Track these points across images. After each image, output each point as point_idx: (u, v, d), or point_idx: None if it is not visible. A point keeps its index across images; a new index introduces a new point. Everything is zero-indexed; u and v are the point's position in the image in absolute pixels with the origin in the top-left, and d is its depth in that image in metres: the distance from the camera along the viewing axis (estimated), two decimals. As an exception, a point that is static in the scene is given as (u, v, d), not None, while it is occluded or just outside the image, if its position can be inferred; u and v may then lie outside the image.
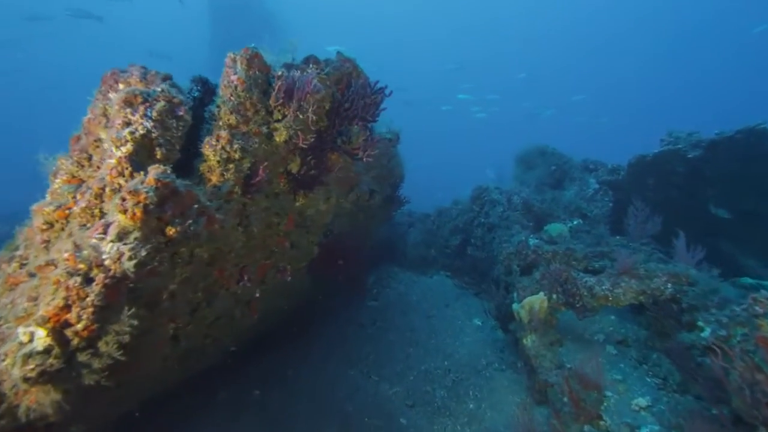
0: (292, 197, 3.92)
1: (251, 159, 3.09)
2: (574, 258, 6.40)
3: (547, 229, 7.61)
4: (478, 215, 8.90)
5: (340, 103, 3.93)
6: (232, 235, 3.27)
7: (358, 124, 3.99)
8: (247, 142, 3.04)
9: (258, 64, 3.15)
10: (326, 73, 3.81)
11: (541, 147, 10.02)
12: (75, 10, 19.61)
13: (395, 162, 7.17)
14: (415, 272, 10.29)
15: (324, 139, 3.90)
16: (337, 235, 6.18)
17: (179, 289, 2.90)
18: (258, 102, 3.13)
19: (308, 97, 3.17)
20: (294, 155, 3.74)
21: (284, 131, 3.22)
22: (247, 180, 3.12)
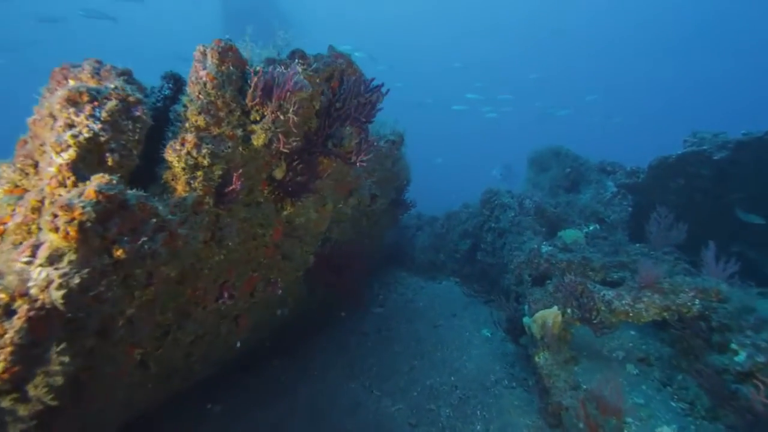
0: (278, 206, 3.52)
1: (224, 165, 2.69)
2: (591, 268, 5.89)
3: (561, 236, 7.10)
4: (488, 219, 8.41)
5: (331, 103, 3.52)
6: (205, 250, 2.88)
7: (352, 125, 3.57)
8: (218, 146, 2.64)
9: (232, 58, 2.75)
10: (315, 70, 3.40)
11: (555, 148, 9.48)
12: (89, 10, 19.55)
13: (400, 165, 6.74)
14: (423, 277, 9.86)
15: (313, 142, 3.49)
16: (337, 242, 5.77)
17: (139, 313, 2.51)
18: (232, 101, 2.73)
19: (289, 96, 2.76)
20: (279, 160, 3.34)
21: (263, 134, 2.82)
22: (220, 189, 2.73)
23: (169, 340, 3.04)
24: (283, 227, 3.81)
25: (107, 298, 2.17)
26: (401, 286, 9.50)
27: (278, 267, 4.31)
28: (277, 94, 2.76)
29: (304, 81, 3.12)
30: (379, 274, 9.86)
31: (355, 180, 5.26)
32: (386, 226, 7.78)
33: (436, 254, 9.73)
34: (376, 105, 3.68)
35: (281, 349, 6.84)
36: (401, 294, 9.05)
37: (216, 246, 2.92)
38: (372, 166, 5.88)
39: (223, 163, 2.70)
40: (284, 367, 6.55)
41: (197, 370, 4.51)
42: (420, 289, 9.32)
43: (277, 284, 4.30)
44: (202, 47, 2.68)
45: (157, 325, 2.85)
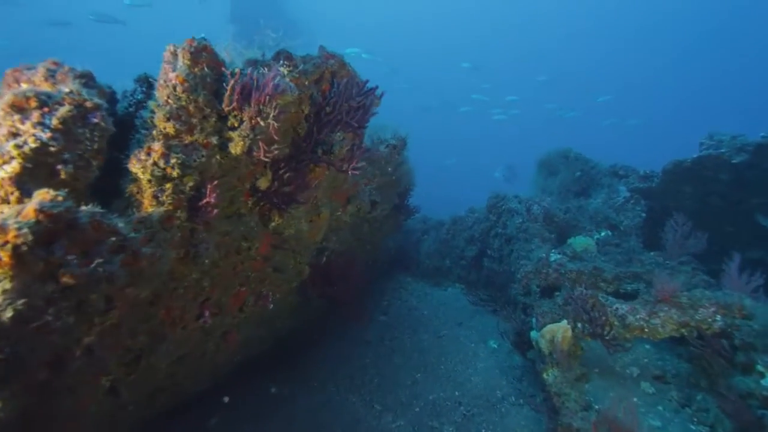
0: (265, 218, 3.25)
1: (197, 176, 2.43)
2: (603, 279, 5.54)
3: (571, 243, 6.74)
4: (495, 225, 8.08)
5: (321, 107, 3.24)
6: (180, 268, 2.62)
7: (344, 130, 3.28)
8: (190, 155, 2.38)
9: (207, 59, 2.48)
10: (303, 71, 3.12)
11: (564, 151, 9.11)
12: (99, 14, 19.53)
13: (402, 169, 6.44)
14: (428, 283, 9.55)
15: (302, 148, 3.22)
16: (334, 252, 5.49)
17: (101, 340, 2.25)
18: (206, 106, 2.46)
19: (269, 100, 2.49)
20: (264, 169, 3.07)
21: (241, 142, 2.55)
22: (194, 202, 2.46)
23: (143, 364, 2.78)
24: (271, 239, 3.54)
25: (56, 327, 1.91)
26: (406, 292, 9.20)
27: (269, 280, 4.04)
28: (256, 98, 2.49)
29: (288, 84, 2.84)
30: (384, 280, 9.57)
31: (353, 187, 4.98)
32: (389, 232, 7.48)
33: (441, 260, 9.41)
34: (370, 109, 3.39)
35: (282, 359, 6.58)
36: (405, 301, 8.75)
37: (192, 263, 2.65)
38: (372, 172, 5.60)
39: (197, 174, 2.43)
40: (284, 378, 6.29)
41: (187, 387, 4.26)
42: (425, 295, 9.01)
43: (269, 298, 4.03)
44: (172, 47, 2.41)
45: (127, 349, 2.59)
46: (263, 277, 3.93)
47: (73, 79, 2.15)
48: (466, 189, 17.83)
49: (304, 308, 5.35)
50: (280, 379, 6.25)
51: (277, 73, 2.54)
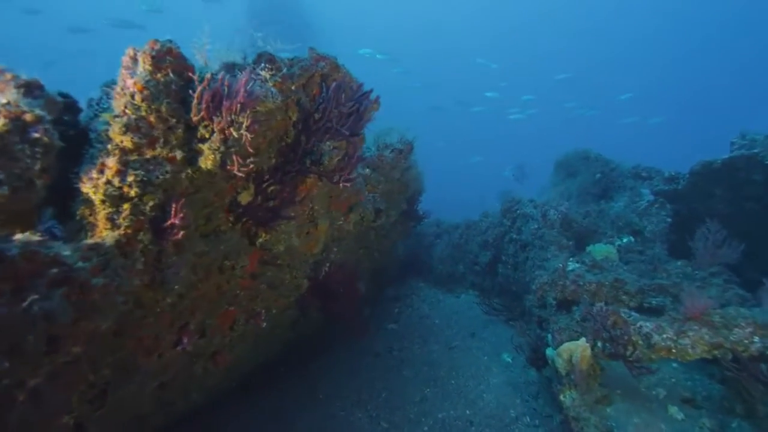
0: (251, 234, 2.96)
1: (160, 195, 2.15)
2: (625, 292, 5.10)
3: (591, 251, 6.30)
4: (510, 230, 7.66)
5: (310, 113, 2.93)
6: (148, 295, 2.35)
7: (334, 138, 2.97)
8: (152, 171, 2.10)
9: (172, 63, 2.19)
10: (289, 75, 2.81)
11: (583, 151, 8.62)
12: (117, 20, 19.70)
13: (410, 174, 6.10)
14: (441, 289, 9.19)
15: (290, 159, 2.92)
16: (334, 264, 5.19)
17: (52, 381, 1.99)
18: (171, 115, 2.18)
19: (241, 108, 2.19)
20: (246, 182, 2.78)
21: (211, 155, 2.26)
22: (159, 222, 2.18)
23: (113, 398, 2.52)
24: (260, 255, 3.25)
25: (-15, 375, 1.65)
26: (418, 298, 8.87)
27: (262, 297, 3.76)
28: (227, 106, 2.19)
29: (269, 89, 2.54)
30: (396, 285, 9.26)
31: (354, 195, 4.66)
32: (398, 238, 7.15)
33: (454, 265, 9.04)
34: (364, 114, 3.07)
35: (290, 371, 6.33)
36: (417, 308, 8.41)
37: (161, 289, 2.38)
38: (376, 178, 5.27)
39: (160, 193, 2.15)
40: (290, 390, 6.03)
41: (180, 407, 4.02)
42: (437, 302, 8.65)
43: (261, 316, 3.75)
44: (132, 51, 2.13)
45: (91, 384, 2.33)
46: (255, 294, 3.65)
47: (15, 89, 1.89)
48: (481, 189, 17.31)
49: (307, 320, 5.07)
50: (286, 390, 6.00)
51: (251, 78, 2.24)
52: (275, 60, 2.71)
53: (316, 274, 4.33)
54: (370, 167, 5.21)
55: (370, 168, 5.21)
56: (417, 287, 9.42)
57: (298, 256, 4.00)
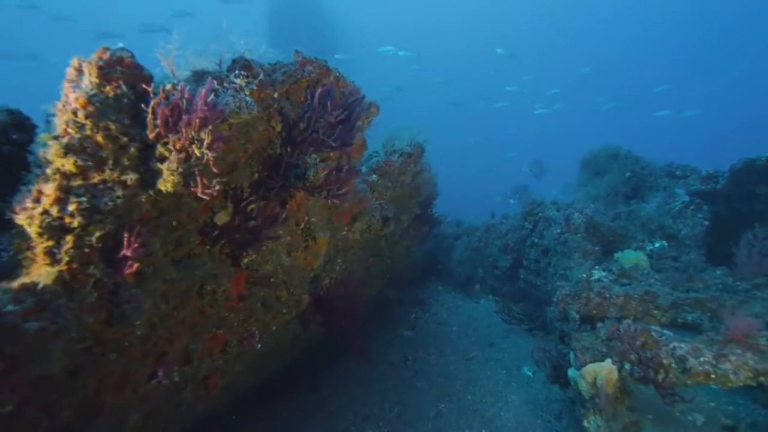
0: (233, 255, 2.70)
1: (110, 223, 1.89)
2: (656, 306, 4.61)
3: (619, 258, 5.79)
4: (531, 234, 7.20)
5: (295, 123, 2.63)
6: (107, 332, 2.11)
7: (320, 150, 2.66)
8: (99, 197, 1.84)
9: (124, 74, 1.93)
10: (265, 82, 2.52)
11: (612, 148, 8.03)
12: (146, 24, 19.96)
13: (422, 178, 5.74)
14: (459, 293, 8.81)
15: (273, 174, 2.63)
16: (344, 272, 4.90)
17: (-8, 433, 1.77)
18: (123, 133, 1.92)
19: (202, 123, 1.91)
20: (224, 200, 2.51)
21: (170, 177, 1.99)
22: (110, 252, 1.93)
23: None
24: (246, 276, 2.99)
25: None
26: (436, 303, 8.52)
27: (256, 317, 3.51)
28: (185, 121, 1.92)
29: (243, 99, 2.26)
30: (413, 289, 8.93)
31: (358, 204, 4.35)
32: (411, 243, 6.81)
33: (473, 269, 8.63)
34: (356, 122, 2.75)
35: (299, 381, 6.11)
36: (434, 314, 8.06)
37: (123, 324, 2.14)
38: (384, 184, 4.94)
39: (111, 220, 1.90)
40: (299, 402, 5.82)
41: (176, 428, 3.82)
42: (455, 308, 8.28)
43: (255, 337, 3.50)
44: (77, 61, 1.87)
45: (49, 428, 2.11)
46: (248, 314, 3.40)
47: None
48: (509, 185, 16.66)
49: (309, 335, 4.81)
50: (296, 402, 5.78)
51: (224, 88, 1.96)
52: (251, 66, 2.42)
53: (317, 289, 4.05)
54: (376, 173, 4.89)
55: (377, 174, 4.89)
56: (435, 291, 9.07)
57: (296, 272, 3.73)
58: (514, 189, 11.93)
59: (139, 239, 1.92)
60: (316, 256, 3.88)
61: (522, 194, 11.90)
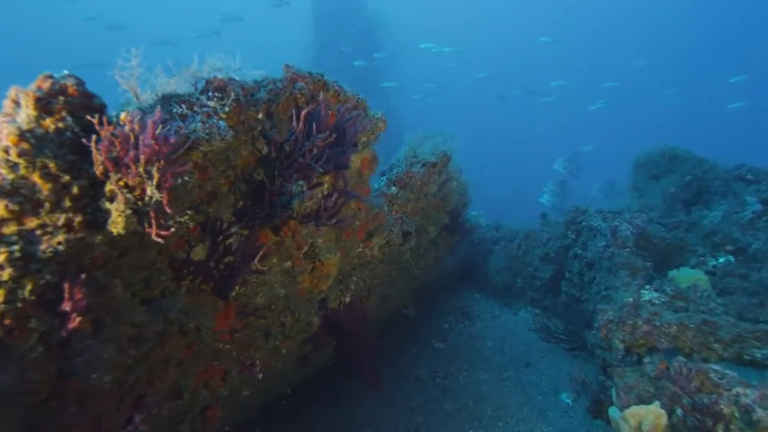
0: (215, 290, 2.46)
1: (51, 272, 1.69)
2: (717, 338, 3.95)
3: (674, 277, 5.09)
4: (574, 244, 6.57)
5: (281, 147, 2.34)
6: (66, 385, 1.93)
7: (308, 177, 2.35)
8: (35, 244, 1.64)
9: (69, 105, 1.71)
10: (251, 101, 2.24)
11: (670, 149, 7.17)
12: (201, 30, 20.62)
13: (449, 187, 5.32)
14: (498, 302, 8.30)
15: (259, 202, 2.36)
16: (363, 288, 4.61)
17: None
18: (65, 171, 1.70)
19: (150, 159, 1.66)
20: (202, 233, 2.27)
21: (119, 218, 1.76)
22: (50, 301, 1.73)
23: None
24: (236, 308, 2.75)
25: None
26: (471, 312, 8.06)
27: (256, 345, 3.29)
28: (131, 157, 1.67)
29: (215, 125, 1.99)
30: (448, 295, 8.51)
31: (372, 220, 4.03)
32: (441, 254, 6.40)
33: (512, 278, 8.07)
34: (351, 143, 2.41)
35: (322, 395, 5.90)
36: (468, 325, 7.61)
37: (79, 377, 1.95)
38: (405, 197, 4.58)
39: (52, 268, 1.69)
40: (320, 418, 5.61)
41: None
42: (492, 319, 7.78)
43: (256, 367, 3.28)
44: (14, 92, 1.66)
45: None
46: (247, 343, 3.18)
47: None
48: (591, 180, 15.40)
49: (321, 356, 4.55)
50: (317, 418, 5.59)
51: (160, 119, 1.69)
52: (226, 87, 2.15)
53: (325, 311, 3.78)
54: (396, 185, 4.54)
55: (397, 186, 4.53)
56: (472, 299, 8.60)
57: (302, 296, 3.48)
58: (555, 184, 10.97)
59: (84, 289, 1.70)
60: (325, 278, 3.60)
61: (560, 191, 10.99)
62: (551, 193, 10.61)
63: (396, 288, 5.73)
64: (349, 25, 22.15)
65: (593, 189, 11.41)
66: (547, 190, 10.81)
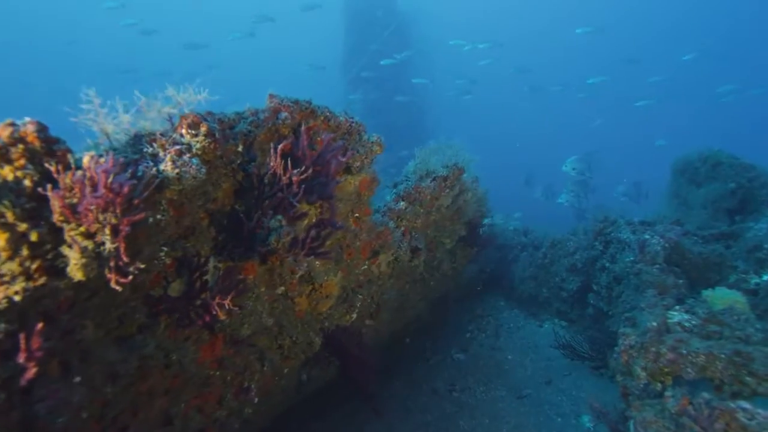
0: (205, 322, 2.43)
1: (6, 322, 1.67)
2: (751, 372, 3.57)
3: (708, 297, 4.67)
4: (602, 256, 6.20)
5: (261, 180, 2.26)
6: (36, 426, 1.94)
7: (285, 213, 2.25)
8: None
9: (30, 152, 1.68)
10: (230, 134, 2.18)
11: (712, 154, 6.60)
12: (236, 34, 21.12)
13: (463, 199, 5.11)
14: (523, 311, 8.01)
15: (239, 236, 2.30)
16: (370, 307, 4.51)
17: None
18: (23, 219, 1.67)
19: (105, 206, 1.62)
20: (181, 269, 2.23)
21: (76, 267, 1.73)
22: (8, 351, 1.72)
23: None
24: (224, 337, 2.72)
25: None
26: (494, 321, 7.82)
27: (252, 369, 3.26)
28: (86, 205, 1.64)
29: (187, 163, 1.94)
30: (472, 302, 8.29)
31: (374, 238, 3.91)
32: (459, 265, 6.20)
33: (538, 288, 7.75)
34: (336, 173, 2.31)
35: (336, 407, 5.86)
36: (490, 335, 7.37)
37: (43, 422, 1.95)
38: (414, 211, 4.43)
39: (9, 317, 1.69)
40: (335, 426, 5.58)
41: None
42: (515, 330, 7.50)
43: (251, 391, 3.25)
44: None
45: None
46: (241, 368, 3.16)
47: None
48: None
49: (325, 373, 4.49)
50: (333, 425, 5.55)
51: (131, 159, 1.65)
52: (199, 122, 2.08)
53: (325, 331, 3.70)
54: (405, 200, 4.39)
55: (406, 201, 4.39)
56: (496, 307, 8.34)
57: (300, 319, 3.42)
58: (574, 184, 10.25)
59: (40, 339, 1.69)
60: (325, 300, 3.52)
61: (581, 191, 10.32)
62: (571, 193, 9.95)
63: (410, 300, 5.60)
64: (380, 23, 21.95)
65: (616, 191, 10.62)
66: (566, 189, 10.19)
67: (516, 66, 21.69)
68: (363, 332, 3.96)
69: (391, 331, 5.78)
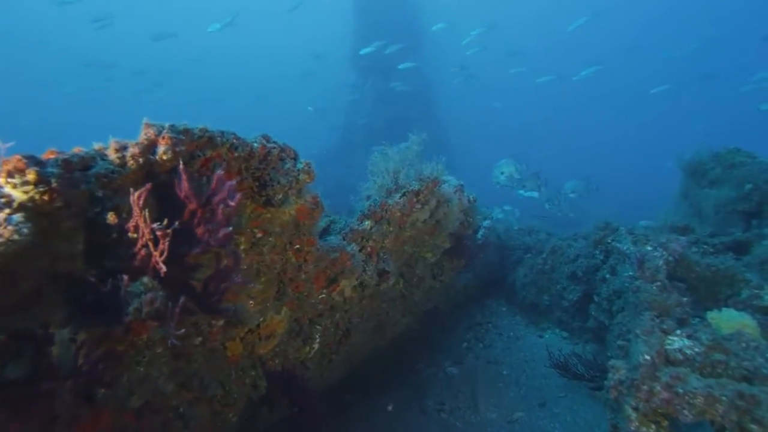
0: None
1: None
2: (755, 418, 3.06)
3: (713, 320, 4.12)
4: (602, 266, 5.68)
5: (123, 233, 1.89)
6: None
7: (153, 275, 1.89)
8: None
9: None
10: (83, 178, 1.84)
11: (727, 152, 5.95)
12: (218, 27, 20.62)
13: (443, 212, 4.67)
14: (524, 319, 7.56)
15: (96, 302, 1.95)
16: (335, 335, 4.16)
17: None
18: None
19: None
20: (20, 347, 1.91)
21: None
22: None
23: None
24: (110, 412, 2.39)
25: None
26: (494, 329, 7.42)
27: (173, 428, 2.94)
28: None
29: (8, 220, 1.61)
30: (470, 309, 7.87)
31: (332, 265, 3.53)
32: (448, 277, 5.79)
33: (538, 295, 7.25)
34: (225, 221, 1.93)
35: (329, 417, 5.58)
36: (488, 346, 6.96)
37: None
38: (380, 231, 4.03)
39: None
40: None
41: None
42: (515, 340, 7.05)
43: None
44: None
45: None
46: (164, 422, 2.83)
47: None
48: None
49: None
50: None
51: None
52: (26, 167, 1.72)
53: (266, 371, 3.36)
54: (370, 219, 3.99)
55: (371, 220, 3.99)
56: (497, 312, 7.90)
57: (236, 364, 3.09)
58: (578, 183, 9.51)
59: None
60: (266, 341, 3.18)
61: (583, 190, 9.60)
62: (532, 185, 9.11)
63: (391, 318, 5.23)
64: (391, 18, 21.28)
65: (564, 187, 9.61)
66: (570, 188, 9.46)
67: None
68: (304, 376, 3.60)
69: (373, 348, 5.43)
